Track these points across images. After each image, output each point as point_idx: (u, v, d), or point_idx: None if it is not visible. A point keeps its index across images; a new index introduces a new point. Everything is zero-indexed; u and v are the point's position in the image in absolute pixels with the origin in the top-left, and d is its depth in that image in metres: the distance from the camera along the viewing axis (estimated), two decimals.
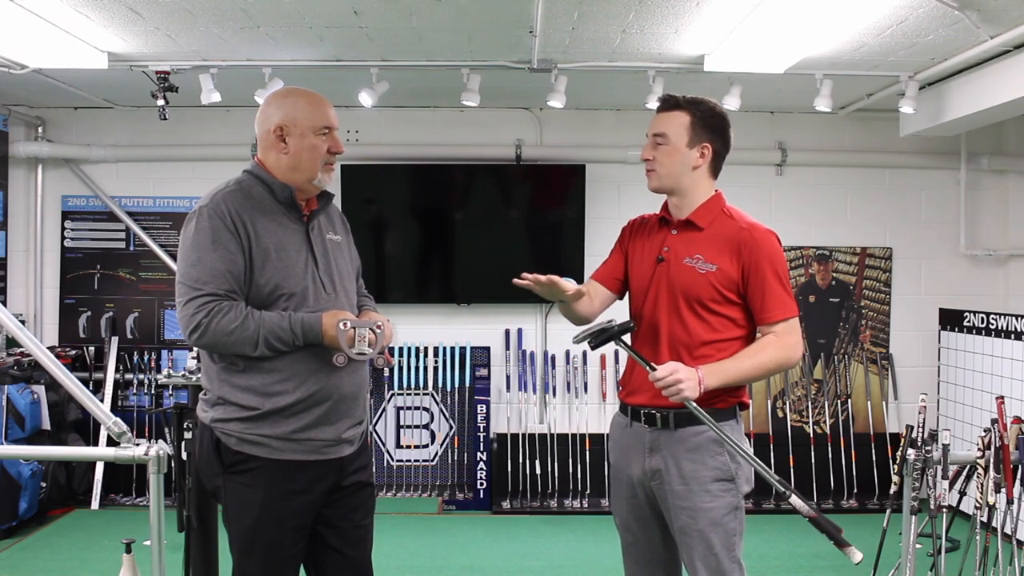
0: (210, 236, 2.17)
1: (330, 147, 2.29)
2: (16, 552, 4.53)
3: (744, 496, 2.34)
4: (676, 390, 2.17)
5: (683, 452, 2.30)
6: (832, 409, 5.71)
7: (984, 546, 3.03)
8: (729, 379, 2.26)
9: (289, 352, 2.19)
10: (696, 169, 2.37)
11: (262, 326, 2.12)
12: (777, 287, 2.30)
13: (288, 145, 2.26)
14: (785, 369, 2.58)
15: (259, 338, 2.12)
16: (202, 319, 2.12)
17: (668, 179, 2.39)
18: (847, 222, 5.73)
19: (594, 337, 2.27)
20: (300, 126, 2.25)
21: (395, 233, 5.68)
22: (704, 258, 2.33)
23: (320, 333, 2.16)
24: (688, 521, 2.28)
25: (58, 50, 4.03)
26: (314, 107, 2.28)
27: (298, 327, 2.14)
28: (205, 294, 2.14)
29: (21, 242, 5.64)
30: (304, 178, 2.28)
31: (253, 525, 2.22)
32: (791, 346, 2.30)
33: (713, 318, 2.32)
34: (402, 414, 5.66)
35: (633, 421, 2.41)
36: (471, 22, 3.81)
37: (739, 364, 2.27)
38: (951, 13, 3.49)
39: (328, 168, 2.31)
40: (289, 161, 2.27)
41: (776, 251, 2.34)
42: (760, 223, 2.38)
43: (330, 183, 2.35)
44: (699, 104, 2.37)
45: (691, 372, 2.21)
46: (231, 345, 2.14)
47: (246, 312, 2.13)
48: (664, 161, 2.37)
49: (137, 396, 5.60)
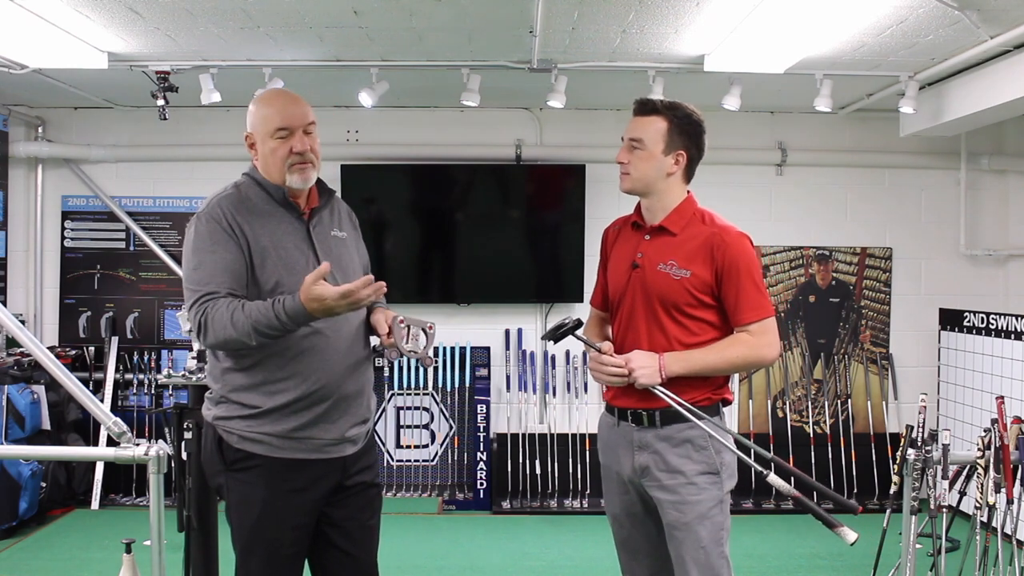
0: (208, 239, 2.20)
1: (292, 147, 2.26)
2: (16, 552, 4.53)
3: (734, 492, 2.39)
4: (632, 378, 2.29)
5: (669, 448, 2.34)
6: (832, 409, 5.71)
7: (984, 546, 3.03)
8: (694, 368, 2.32)
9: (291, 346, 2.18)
10: (670, 176, 2.41)
11: (249, 316, 2.10)
12: (750, 289, 2.34)
13: (256, 151, 2.31)
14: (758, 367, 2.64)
15: (250, 328, 2.10)
16: (201, 319, 2.14)
17: (640, 183, 2.43)
18: (847, 222, 5.73)
19: (551, 333, 2.35)
20: (259, 132, 2.29)
21: (395, 233, 5.68)
22: (678, 263, 2.36)
23: (302, 306, 2.06)
24: (677, 515, 2.32)
25: (58, 50, 4.03)
26: (270, 109, 2.28)
27: (279, 307, 2.09)
28: (204, 294, 2.16)
29: (21, 242, 5.64)
30: (276, 181, 2.29)
31: (254, 523, 2.23)
32: (763, 345, 2.35)
33: (690, 322, 2.36)
34: (402, 414, 5.66)
35: (620, 420, 2.44)
36: (471, 22, 3.81)
37: (705, 356, 2.34)
38: (951, 13, 3.49)
39: (296, 168, 2.26)
40: (261, 166, 2.31)
41: (748, 253, 2.37)
42: (732, 225, 2.41)
43: (305, 181, 2.29)
44: (676, 110, 2.40)
45: (650, 358, 2.31)
46: (232, 340, 2.13)
47: (236, 305, 2.13)
48: (639, 166, 2.42)
49: (137, 396, 5.60)
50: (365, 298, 2.08)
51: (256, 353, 2.20)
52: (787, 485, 2.16)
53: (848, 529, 2.07)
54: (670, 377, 2.31)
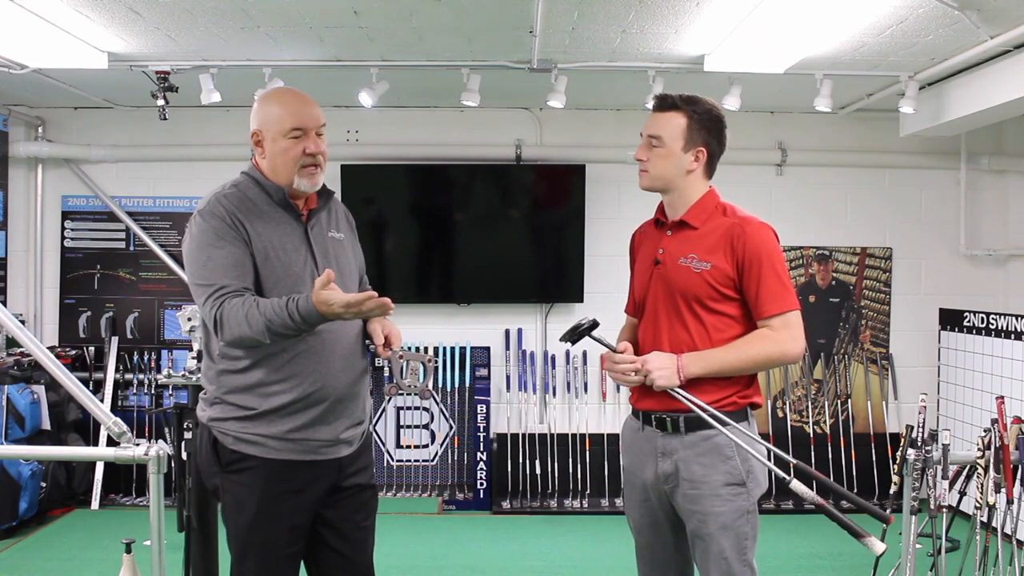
0: (214, 235, 2.17)
1: (305, 148, 2.25)
2: (16, 552, 4.53)
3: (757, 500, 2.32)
4: (650, 380, 2.24)
5: (693, 456, 2.28)
6: (832, 409, 5.71)
7: (984, 546, 3.03)
8: (713, 368, 2.25)
9: (288, 348, 2.18)
10: (690, 173, 2.35)
11: (264, 314, 2.09)
12: (772, 280, 2.26)
13: (264, 150, 2.27)
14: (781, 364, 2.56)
15: (263, 326, 2.08)
16: (217, 314, 2.11)
17: (660, 181, 2.37)
18: (847, 222, 5.73)
19: (569, 334, 2.30)
20: (271, 130, 2.26)
21: (395, 233, 5.68)
22: (699, 256, 2.30)
23: (314, 308, 2.06)
24: (699, 525, 2.28)
25: (58, 50, 4.03)
26: (285, 109, 2.26)
27: (293, 308, 2.08)
28: (218, 288, 2.13)
29: (21, 242, 5.64)
30: (283, 182, 2.27)
31: (249, 524, 2.22)
32: (785, 340, 2.27)
33: (713, 317, 2.30)
34: (402, 414, 5.66)
35: (644, 425, 2.38)
36: (471, 22, 3.81)
37: (725, 354, 2.26)
38: (951, 13, 3.49)
39: (307, 171, 2.26)
40: (268, 165, 2.28)
41: (771, 244, 2.29)
42: (755, 216, 2.35)
43: (314, 185, 2.29)
44: (696, 105, 2.33)
45: (667, 359, 2.25)
46: (246, 338, 2.10)
47: (250, 303, 2.11)
48: (657, 164, 2.35)
49: (137, 396, 5.60)
50: (368, 311, 2.07)
51: (253, 354, 2.19)
52: (811, 493, 2.10)
53: (876, 539, 2.00)
54: (691, 378, 2.24)
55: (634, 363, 2.28)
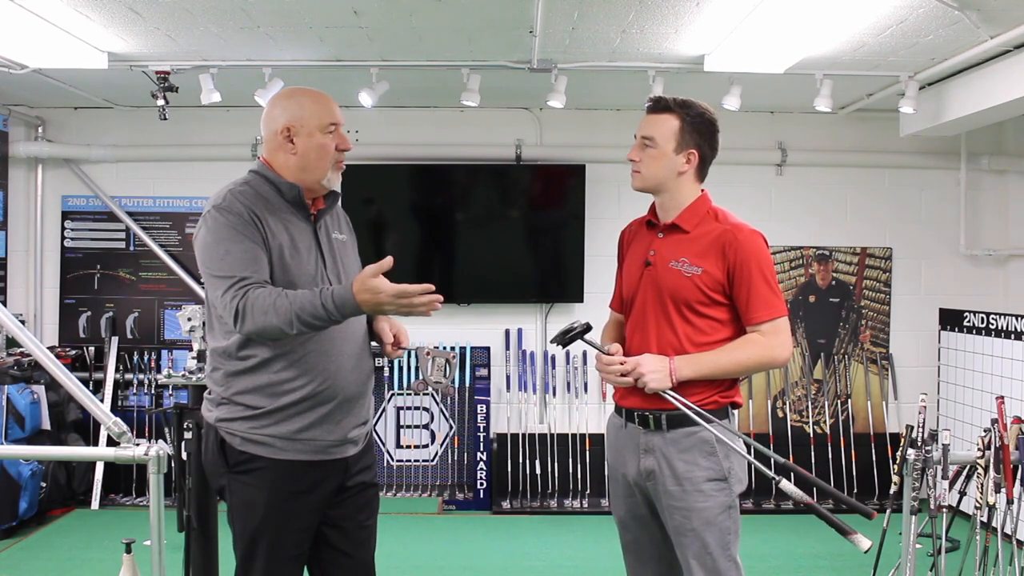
0: (232, 229, 2.15)
1: (338, 144, 2.27)
2: (16, 552, 4.53)
3: (740, 495, 2.36)
4: (642, 383, 2.27)
5: (676, 453, 2.31)
6: (832, 409, 5.71)
7: (984, 546, 3.03)
8: (704, 371, 2.29)
9: (297, 347, 2.17)
10: (682, 175, 2.38)
11: (293, 303, 2.06)
12: (762, 287, 2.30)
13: (296, 146, 2.25)
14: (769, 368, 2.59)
15: (292, 316, 2.05)
16: (239, 304, 2.08)
17: (651, 182, 2.40)
18: (847, 222, 5.73)
19: (560, 337, 2.34)
20: (307, 125, 2.24)
21: (395, 233, 5.68)
22: (689, 261, 2.33)
23: (352, 297, 2.04)
24: (682, 521, 2.30)
25: (58, 50, 4.03)
26: (320, 105, 2.27)
27: (327, 296, 2.05)
28: (240, 279, 2.10)
29: (21, 242, 5.64)
30: (314, 178, 2.26)
31: (257, 525, 2.22)
32: (775, 346, 2.31)
33: (701, 320, 2.33)
34: (402, 414, 5.66)
35: (627, 422, 2.42)
36: (471, 22, 3.81)
37: (716, 358, 2.31)
38: (951, 13, 3.49)
39: (338, 167, 2.30)
40: (298, 162, 2.26)
41: (761, 251, 2.34)
42: (746, 223, 2.38)
43: (338, 182, 2.32)
44: (689, 108, 2.36)
45: (660, 362, 2.28)
46: (271, 327, 2.07)
47: (278, 292, 2.09)
48: (650, 164, 2.38)
49: (137, 396, 5.60)
50: (418, 305, 2.05)
51: (262, 353, 2.18)
52: (800, 492, 2.13)
53: (862, 537, 2.03)
54: (680, 381, 2.28)
55: (625, 364, 2.31)
